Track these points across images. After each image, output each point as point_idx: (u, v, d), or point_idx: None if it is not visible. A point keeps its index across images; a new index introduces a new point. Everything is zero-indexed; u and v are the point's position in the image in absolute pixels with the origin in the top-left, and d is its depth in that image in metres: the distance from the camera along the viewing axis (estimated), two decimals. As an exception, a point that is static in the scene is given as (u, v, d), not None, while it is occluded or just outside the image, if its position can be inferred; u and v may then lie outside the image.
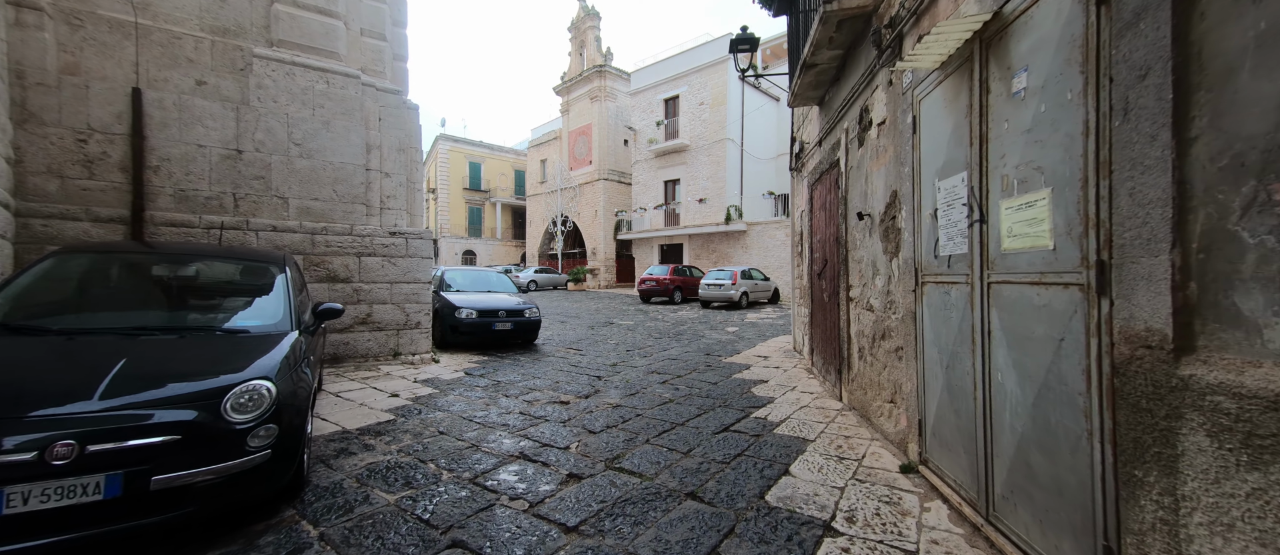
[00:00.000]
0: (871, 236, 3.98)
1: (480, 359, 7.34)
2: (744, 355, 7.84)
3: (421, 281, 6.80)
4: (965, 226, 2.53)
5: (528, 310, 8.46)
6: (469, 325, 7.82)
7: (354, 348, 6.31)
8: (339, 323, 6.24)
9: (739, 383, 5.95)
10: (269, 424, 2.53)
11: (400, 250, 6.63)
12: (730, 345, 8.90)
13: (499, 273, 10.33)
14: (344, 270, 6.24)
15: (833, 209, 5.22)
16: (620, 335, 10.17)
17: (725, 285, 16.36)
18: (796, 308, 8.02)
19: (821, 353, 5.77)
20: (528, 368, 6.82)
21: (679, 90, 23.85)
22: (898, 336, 3.50)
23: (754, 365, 7.02)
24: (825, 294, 5.57)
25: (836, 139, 5.05)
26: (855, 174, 4.43)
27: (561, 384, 5.88)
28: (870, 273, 4.03)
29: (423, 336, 6.80)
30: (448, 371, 6.40)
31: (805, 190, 6.92)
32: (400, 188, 6.96)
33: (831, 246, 5.27)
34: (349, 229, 6.27)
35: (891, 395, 3.65)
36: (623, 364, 7.15)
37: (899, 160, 3.42)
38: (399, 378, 5.94)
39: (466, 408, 4.82)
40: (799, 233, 7.63)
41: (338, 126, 6.27)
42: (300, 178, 6.08)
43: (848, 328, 4.67)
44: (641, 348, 8.64)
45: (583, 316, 13.99)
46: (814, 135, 6.35)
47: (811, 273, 6.46)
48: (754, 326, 11.73)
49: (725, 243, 22.26)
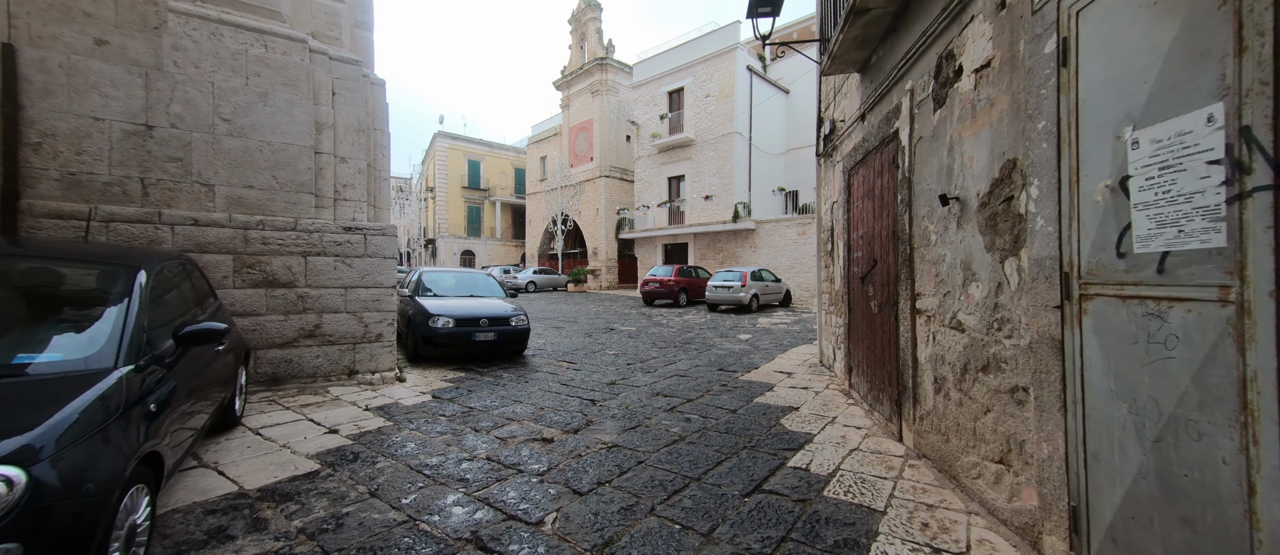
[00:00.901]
0: (961, 228, 2.89)
1: (455, 376, 6.27)
2: (763, 371, 6.75)
3: (384, 286, 5.73)
4: (1216, 200, 1.44)
5: (514, 318, 7.38)
6: (445, 336, 6.76)
7: (297, 366, 5.24)
8: (281, 335, 5.17)
9: (763, 410, 4.86)
10: (6, 544, 1.48)
11: (357, 249, 5.56)
12: (745, 357, 7.80)
13: (486, 275, 9.27)
14: (285, 273, 5.17)
15: (886, 196, 4.13)
16: (621, 344, 9.09)
17: (734, 287, 15.25)
18: (824, 315, 6.92)
19: (867, 374, 4.67)
20: (510, 387, 5.75)
21: (684, 82, 22.75)
22: (1016, 371, 2.41)
23: (777, 385, 5.92)
24: (873, 303, 4.47)
25: (894, 105, 3.95)
26: (928, 146, 3.33)
27: (546, 412, 4.80)
28: (958, 278, 2.93)
29: (384, 351, 5.73)
30: (412, 394, 5.33)
31: (839, 178, 5.82)
32: (359, 176, 5.90)
33: (885, 243, 4.17)
34: (293, 223, 5.21)
35: (1000, 454, 2.56)
36: (622, 383, 6.06)
37: (1022, 114, 2.32)
38: (348, 404, 4.87)
39: (420, 450, 3.74)
40: (829, 228, 6.54)
41: (278, 100, 5.20)
42: (230, 160, 5.01)
43: (913, 349, 3.58)
44: (644, 360, 7.55)
45: (581, 321, 12.92)
46: (852, 110, 5.25)
47: (849, 276, 5.36)
48: (768, 334, 10.63)
49: (732, 242, 21.15)
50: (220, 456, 3.47)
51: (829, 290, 6.59)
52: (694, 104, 22.28)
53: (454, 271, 8.93)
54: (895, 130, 3.91)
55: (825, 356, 6.84)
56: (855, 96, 5.20)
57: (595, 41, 29.13)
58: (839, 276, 5.96)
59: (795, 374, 6.48)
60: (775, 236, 19.84)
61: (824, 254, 6.85)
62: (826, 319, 6.71)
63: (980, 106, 2.69)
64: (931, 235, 3.30)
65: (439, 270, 8.78)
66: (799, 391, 5.57)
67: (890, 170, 4.05)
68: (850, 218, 5.34)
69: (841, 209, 5.64)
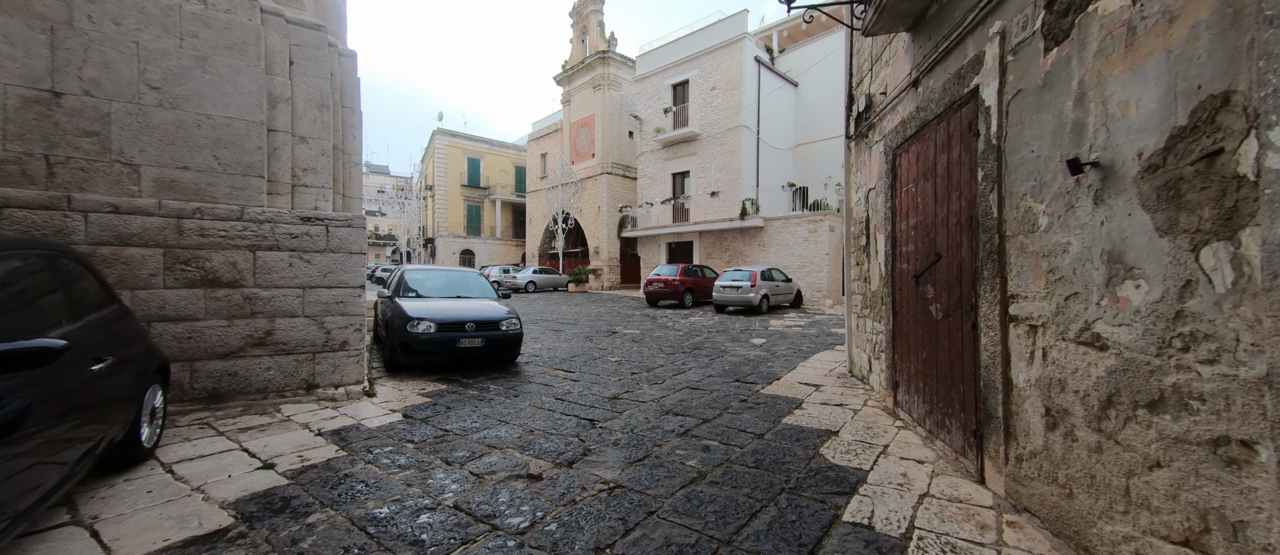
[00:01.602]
0: (1103, 204, 2.07)
1: (435, 389, 5.47)
2: (787, 383, 5.93)
3: (350, 286, 4.93)
4: None
5: (505, 322, 6.58)
6: (425, 342, 5.96)
7: (244, 380, 4.45)
8: (223, 344, 4.38)
9: (795, 434, 4.04)
10: None
11: (317, 242, 4.76)
12: (762, 365, 6.99)
13: (478, 274, 8.47)
14: (229, 270, 4.38)
15: (956, 173, 3.31)
16: (624, 349, 8.28)
17: (743, 287, 14.43)
18: (854, 319, 6.10)
19: (923, 394, 3.85)
20: (496, 403, 4.95)
21: (688, 74, 21.92)
22: (1226, 415, 1.59)
23: (805, 401, 5.10)
24: (933, 307, 3.64)
25: (970, 59, 3.13)
26: (1034, 100, 2.51)
27: (536, 437, 4.00)
28: (1095, 274, 2.11)
29: (350, 361, 4.93)
30: (379, 412, 4.53)
31: (878, 160, 5.00)
32: (323, 159, 5.10)
33: (953, 232, 3.35)
34: (238, 212, 4.41)
35: (1184, 532, 1.74)
36: (626, 397, 5.25)
37: (1251, 18, 1.50)
38: (299, 426, 4.07)
39: (371, 492, 2.94)
40: (861, 220, 5.71)
41: (220, 66, 4.41)
42: (160, 137, 4.22)
43: (1003, 367, 2.75)
44: (650, 369, 6.74)
45: (581, 323, 12.12)
46: (899, 77, 4.43)
47: (894, 273, 4.54)
48: (784, 338, 9.80)
49: (740, 240, 20.31)
50: (105, 507, 2.67)
51: (862, 291, 5.76)
52: (699, 97, 21.46)
53: (441, 270, 8.13)
54: (972, 89, 3.09)
55: (857, 366, 6.01)
56: (903, 61, 4.38)
57: (597, 34, 28.33)
58: (877, 275, 5.14)
59: (824, 387, 5.66)
60: (784, 234, 18.99)
61: (855, 249, 6.02)
62: (858, 323, 5.89)
63: (1146, 27, 1.86)
64: (1040, 218, 2.47)
65: (424, 268, 7.98)
66: (833, 410, 4.75)
67: (963, 141, 3.23)
68: (895, 205, 4.52)
69: (883, 196, 4.82)
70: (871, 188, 5.33)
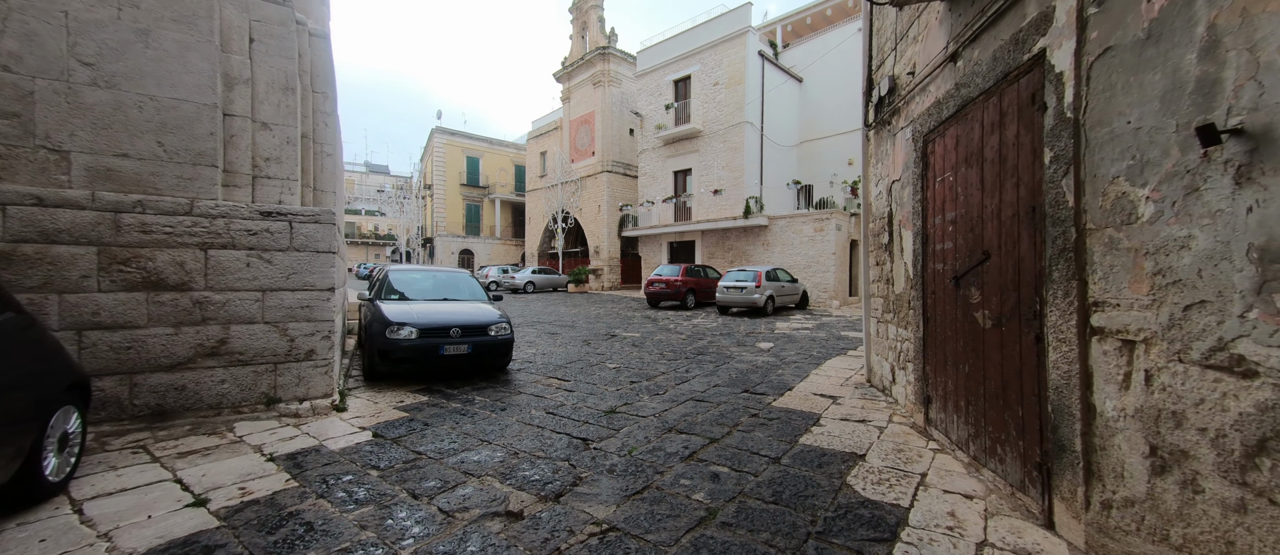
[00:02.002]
0: (1251, 183, 1.56)
1: (414, 401, 4.97)
2: (800, 394, 5.42)
3: (317, 288, 4.44)
4: None
5: (494, 326, 6.08)
6: (406, 349, 5.46)
7: (193, 395, 3.95)
8: (169, 354, 3.89)
9: (816, 458, 3.53)
10: None
11: (280, 240, 4.27)
12: (772, 373, 6.47)
13: (469, 275, 7.97)
14: (176, 271, 3.88)
15: (1013, 156, 2.80)
16: (623, 354, 7.78)
17: (748, 288, 13.92)
18: (874, 324, 5.59)
19: (967, 414, 3.34)
20: (480, 418, 4.45)
21: (690, 69, 21.39)
22: None
23: (824, 416, 4.59)
24: (980, 313, 3.13)
25: (1032, 19, 2.61)
26: (1132, 59, 2.00)
27: (521, 461, 3.50)
28: (1235, 280, 1.61)
29: (317, 372, 4.43)
30: (347, 431, 4.03)
31: (904, 149, 4.50)
32: (288, 148, 4.60)
33: (1008, 226, 2.84)
34: (187, 205, 3.92)
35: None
36: (624, 411, 4.75)
37: None
38: (251, 449, 3.57)
39: (314, 540, 2.44)
40: (883, 215, 5.20)
41: (166, 41, 3.92)
42: (94, 119, 3.73)
43: (1083, 390, 2.25)
44: (651, 377, 6.24)
45: (579, 326, 11.61)
46: (932, 53, 3.92)
47: (926, 275, 4.03)
48: (792, 342, 9.29)
49: (743, 239, 19.79)
50: (-22, 564, 2.18)
51: (883, 293, 5.25)
52: (701, 93, 20.94)
53: (428, 270, 7.63)
54: (1035, 54, 2.58)
55: (877, 376, 5.50)
56: (937, 34, 3.87)
57: (597, 30, 27.83)
58: (902, 276, 4.63)
59: (843, 400, 5.15)
60: (789, 233, 18.47)
61: (875, 248, 5.51)
62: (880, 329, 5.37)
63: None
64: (1140, 205, 1.96)
65: (410, 269, 7.48)
66: (856, 427, 4.24)
67: (1021, 117, 2.72)
68: (926, 198, 4.01)
69: (910, 188, 4.31)
70: (895, 180, 4.82)
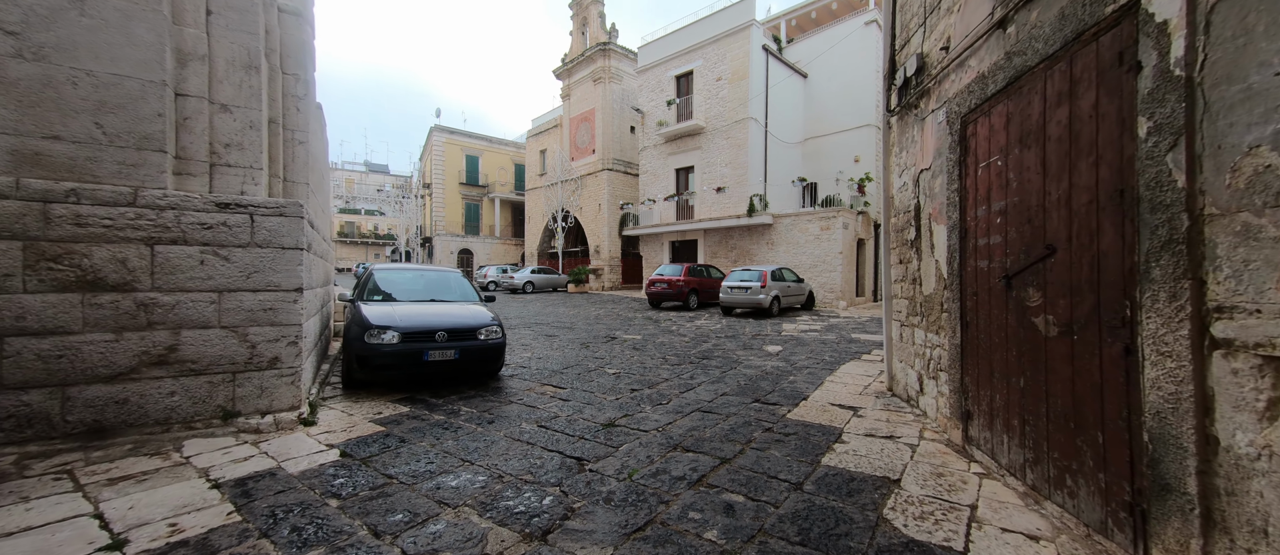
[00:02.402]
0: None
1: (394, 413, 4.52)
2: (816, 403, 4.95)
3: (283, 288, 3.99)
4: None
5: (484, 330, 5.63)
6: (387, 355, 5.01)
7: (137, 409, 3.50)
8: (109, 364, 3.44)
9: (844, 484, 3.07)
10: None
11: (239, 235, 3.82)
12: (784, 380, 6.01)
13: (460, 274, 7.51)
14: (116, 269, 3.43)
15: (1090, 132, 2.33)
16: (624, 359, 7.32)
17: (752, 288, 13.46)
18: (896, 327, 5.12)
19: (1022, 435, 2.87)
20: (464, 433, 4.00)
21: (693, 64, 20.92)
22: None
23: (846, 431, 4.13)
24: (1042, 319, 2.67)
25: (1120, -41, 2.15)
26: (1281, -9, 1.54)
27: (505, 486, 3.05)
28: None
29: (283, 381, 3.98)
30: (312, 449, 3.58)
31: (936, 134, 4.04)
32: (251, 133, 4.15)
33: (1084, 215, 2.38)
34: (130, 195, 3.47)
35: None
36: (624, 424, 4.29)
37: None
38: (196, 474, 3.12)
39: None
40: (907, 209, 4.74)
41: (104, 8, 3.47)
42: (19, 96, 3.28)
43: (1200, 418, 1.79)
44: (653, 384, 5.78)
45: (578, 327, 11.16)
46: (973, 21, 3.45)
47: (965, 273, 3.57)
48: (801, 345, 8.82)
49: (747, 238, 19.32)
50: None
51: (907, 294, 4.79)
52: (704, 88, 20.47)
53: (417, 269, 7.18)
54: (1124, 4, 2.11)
55: (900, 385, 5.03)
56: (978, 1, 3.40)
57: (597, 26, 27.39)
58: (933, 275, 4.17)
59: (864, 412, 4.68)
60: (795, 232, 18.00)
61: (897, 244, 5.05)
62: (904, 333, 4.91)
63: None
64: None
65: (397, 268, 7.03)
66: (884, 445, 3.78)
67: (1103, 82, 2.25)
68: (966, 186, 3.54)
69: (944, 177, 3.85)
70: (924, 169, 4.36)
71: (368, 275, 6.57)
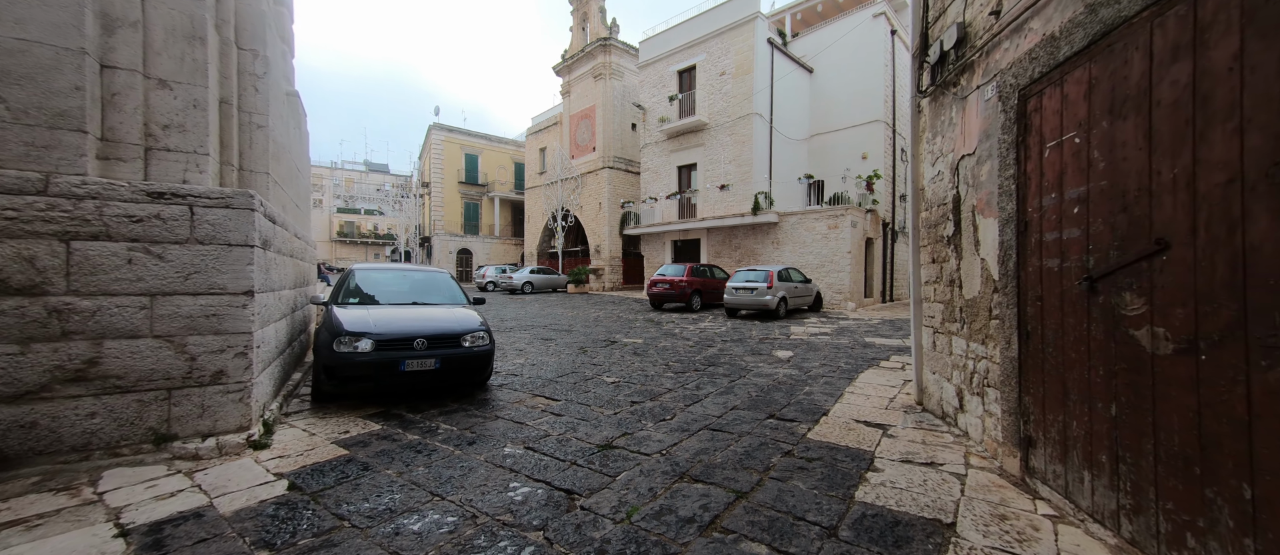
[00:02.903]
0: None
1: (362, 433, 3.99)
2: (839, 420, 4.40)
3: (228, 292, 3.45)
4: None
5: (470, 336, 5.09)
6: (358, 365, 4.48)
7: (50, 433, 2.98)
8: (12, 381, 2.90)
9: (887, 530, 2.52)
10: None
11: (176, 230, 3.29)
12: (799, 391, 5.46)
13: (449, 275, 6.97)
14: (22, 269, 2.91)
15: (1234, 93, 1.79)
16: (624, 365, 6.78)
17: (758, 288, 12.90)
18: (928, 335, 4.57)
19: (1117, 475, 2.32)
20: (439, 458, 3.46)
21: (695, 59, 20.35)
22: None
23: (879, 456, 3.59)
24: (1149, 331, 2.12)
25: None
26: None
27: (477, 532, 2.51)
28: None
29: (230, 398, 3.45)
30: (256, 480, 3.05)
31: (989, 112, 3.49)
32: (195, 112, 3.62)
33: (1216, 201, 1.83)
34: (40, 182, 2.94)
35: None
36: (623, 444, 3.75)
37: None
38: (105, 514, 2.59)
39: None
40: (944, 201, 4.19)
41: (8, -39, 2.93)
42: (-101, 63, 2.75)
43: None
44: (656, 395, 5.24)
45: (576, 330, 10.62)
46: (1035, -24, 2.91)
47: (1026, 273, 3.02)
48: (813, 350, 8.27)
49: (752, 237, 18.75)
50: None
51: (944, 297, 4.24)
52: (707, 83, 19.91)
53: (400, 269, 6.65)
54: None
55: (934, 400, 4.48)
56: (1044, -50, 2.85)
57: (598, 21, 26.84)
58: (977, 276, 3.62)
59: (896, 431, 4.13)
60: (801, 230, 17.43)
61: (931, 241, 4.50)
62: (938, 341, 4.36)
63: None
64: None
65: (378, 267, 6.50)
66: (926, 475, 3.23)
67: (1257, 22, 1.71)
68: (1027, 171, 2.99)
69: (996, 162, 3.30)
70: (965, 154, 3.81)
71: (345, 276, 6.04)
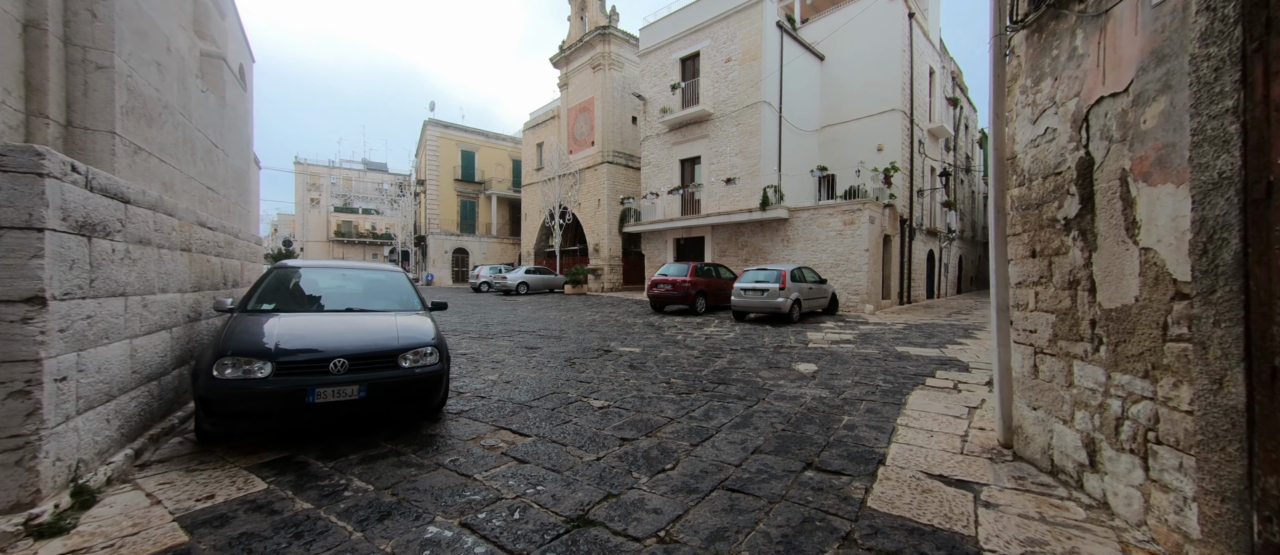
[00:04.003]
0: None
1: (235, 497, 2.79)
2: (904, 472, 3.18)
3: (5, 299, 2.25)
4: None
5: (412, 352, 3.87)
6: (245, 397, 3.27)
7: None
8: None
9: None
10: None
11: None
12: (835, 420, 4.25)
13: (405, 275, 5.78)
14: None
15: None
16: (615, 383, 5.56)
17: (770, 289, 11.67)
18: (1021, 356, 3.35)
19: None
20: (327, 544, 2.27)
21: (699, 45, 19.12)
22: None
23: (986, 540, 2.37)
24: None
25: None
26: None
27: None
28: None
29: (7, 461, 2.25)
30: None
31: (1171, 21, 2.27)
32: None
33: None
34: None
35: None
36: (602, 519, 2.53)
37: None
38: None
39: None
40: (1050, 170, 2.97)
41: None
42: None
43: None
44: (653, 428, 4.03)
45: (567, 336, 9.42)
46: None
47: (1264, 274, 1.80)
48: (840, 362, 7.04)
49: (759, 234, 17.51)
50: None
51: (1056, 304, 3.02)
52: (712, 71, 18.67)
53: (339, 266, 5.46)
54: None
55: (1034, 444, 3.25)
56: None
57: (597, 9, 25.64)
58: (1132, 275, 2.41)
59: (994, 498, 2.90)
60: (814, 227, 16.18)
61: (1033, 226, 3.27)
62: (1049, 365, 3.13)
63: None
64: None
65: (313, 265, 5.28)
66: (1084, 593, 2.01)
67: None
68: (1268, 99, 1.78)
69: (1194, 94, 2.09)
70: (1107, 95, 2.60)
71: (265, 275, 4.83)
